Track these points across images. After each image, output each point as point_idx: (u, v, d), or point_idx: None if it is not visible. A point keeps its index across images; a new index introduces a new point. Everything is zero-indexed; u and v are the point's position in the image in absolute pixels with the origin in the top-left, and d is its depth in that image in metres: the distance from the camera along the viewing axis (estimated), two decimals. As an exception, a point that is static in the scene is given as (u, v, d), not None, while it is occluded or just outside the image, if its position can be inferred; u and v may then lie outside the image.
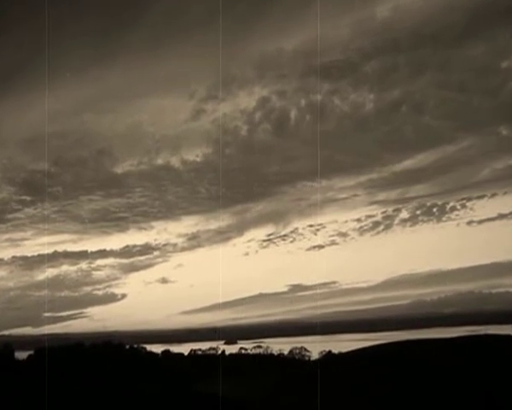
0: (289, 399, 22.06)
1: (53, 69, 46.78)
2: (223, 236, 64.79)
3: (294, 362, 31.11)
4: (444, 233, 61.18)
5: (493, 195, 57.89)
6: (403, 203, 62.83)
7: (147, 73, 59.81)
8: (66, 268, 61.20)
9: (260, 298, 65.38)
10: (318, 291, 66.99)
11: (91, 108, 61.15)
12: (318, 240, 66.11)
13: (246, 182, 62.04)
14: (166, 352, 34.67)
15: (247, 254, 65.44)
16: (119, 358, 29.69)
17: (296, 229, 65.37)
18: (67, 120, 62.03)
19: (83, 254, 60.45)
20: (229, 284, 66.75)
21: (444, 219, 62.45)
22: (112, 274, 62.04)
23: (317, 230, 65.87)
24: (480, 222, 58.41)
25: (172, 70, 61.07)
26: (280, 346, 34.14)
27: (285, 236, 64.85)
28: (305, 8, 54.66)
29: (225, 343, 50.41)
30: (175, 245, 62.28)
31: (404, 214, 63.65)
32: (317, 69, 57.85)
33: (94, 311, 59.17)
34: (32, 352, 30.59)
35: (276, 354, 33.01)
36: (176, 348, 37.31)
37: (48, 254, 59.66)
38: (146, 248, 61.43)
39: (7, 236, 57.34)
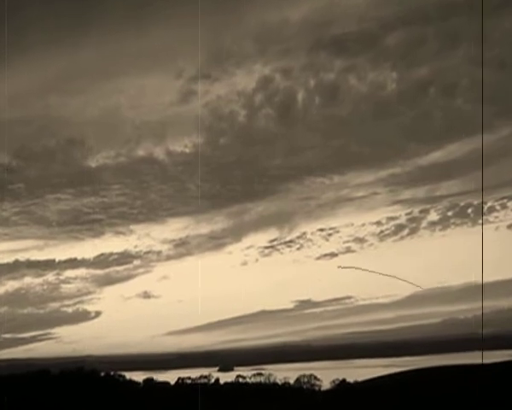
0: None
1: (12, 43, 46.62)
2: (216, 242, 64.96)
3: (302, 393, 30.82)
4: (480, 239, 60.60)
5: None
6: (431, 203, 62.85)
7: (125, 48, 59.74)
8: (29, 280, 61.24)
9: (261, 316, 65.51)
10: (330, 308, 67.15)
11: (58, 90, 61.34)
12: (330, 247, 66.27)
13: (244, 177, 61.99)
14: (149, 381, 34.43)
15: (245, 263, 65.66)
16: (92, 387, 29.42)
17: (304, 234, 65.45)
18: (30, 104, 62.03)
19: (49, 264, 60.51)
20: (224, 299, 66.56)
21: (480, 221, 62.18)
22: (84, 288, 62.16)
23: (329, 235, 65.95)
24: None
25: (155, 43, 61.10)
26: (285, 373, 33.86)
27: (290, 242, 64.94)
28: (314, -30, 54.54)
29: (220, 370, 50.24)
30: (159, 253, 62.49)
31: (433, 216, 63.68)
32: (328, 43, 57.82)
33: (62, 331, 59.19)
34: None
35: (280, 382, 32.79)
36: (160, 376, 37.06)
37: (7, 264, 59.71)
38: (124, 257, 61.58)
39: (-43, 242, 57.10)
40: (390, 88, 58.93)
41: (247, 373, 34.85)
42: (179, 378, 34.53)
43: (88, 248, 61.67)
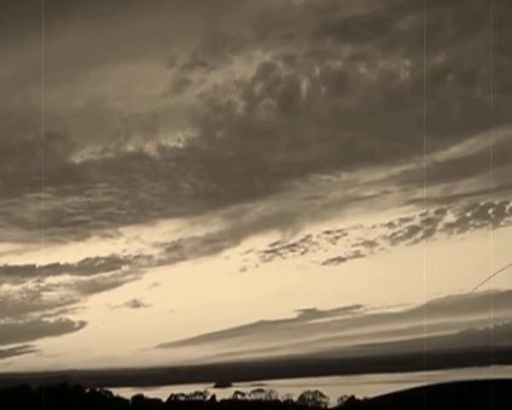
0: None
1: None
2: (213, 245, 64.85)
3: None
4: (502, 242, 60.95)
5: None
6: (448, 203, 62.82)
7: (112, 33, 59.67)
8: (7, 288, 61.19)
9: (262, 327, 65.49)
10: (338, 318, 67.18)
11: (38, 79, 61.09)
12: (338, 251, 66.15)
13: (243, 175, 61.82)
14: (139, 397, 34.42)
15: (244, 269, 65.61)
16: (76, 405, 29.33)
17: (309, 236, 65.34)
18: (7, 95, 61.97)
19: (29, 270, 60.39)
20: (221, 308, 66.70)
21: (502, 223, 62.36)
22: (67, 296, 62.06)
23: (336, 237, 65.83)
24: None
25: (146, 28, 60.93)
26: (288, 389, 33.85)
27: (294, 245, 64.84)
28: None
29: (216, 386, 50.18)
30: (150, 258, 62.37)
31: (450, 217, 63.63)
32: (335, 27, 57.69)
33: (44, 344, 59.21)
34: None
35: (282, 400, 32.80)
36: (151, 393, 37.05)
37: (-17, 270, 59.44)
38: (112, 262, 61.43)
39: None
40: (403, 77, 58.87)
41: (246, 389, 34.86)
42: (172, 395, 34.52)
43: (72, 253, 61.56)
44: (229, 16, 63.05)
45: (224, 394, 35.56)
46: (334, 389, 34.35)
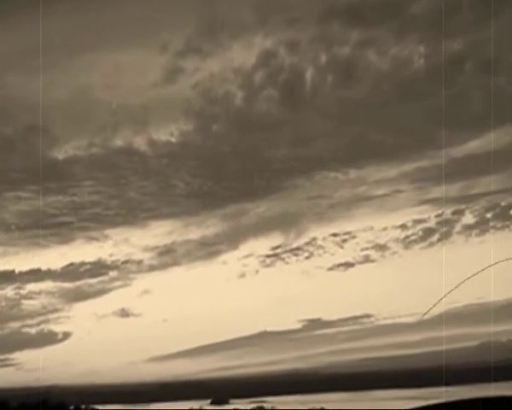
0: None
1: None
2: (208, 249, 64.74)
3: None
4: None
5: None
6: (466, 203, 62.70)
7: (98, 17, 59.60)
8: (-17, 296, 61.05)
9: (262, 338, 65.32)
10: (345, 329, 67.04)
11: (18, 67, 60.93)
12: (345, 255, 66.00)
13: (241, 172, 61.91)
14: (128, 415, 34.31)
15: (243, 275, 65.47)
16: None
17: (314, 239, 65.23)
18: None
19: (8, 276, 60.28)
20: (217, 317, 66.59)
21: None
22: (50, 304, 61.97)
23: (344, 241, 65.72)
24: None
25: (135, 12, 60.88)
26: (291, 406, 33.87)
27: (297, 249, 64.73)
28: None
29: (212, 403, 50.11)
30: (140, 263, 62.28)
31: (469, 218, 63.53)
32: (342, 11, 57.67)
33: (24, 357, 58.98)
34: None
35: (284, 418, 32.68)
36: (141, 410, 37.02)
37: (-42, 276, 59.58)
38: (98, 267, 61.35)
39: None
40: (417, 65, 58.72)
41: (245, 407, 34.83)
42: (164, 413, 34.47)
43: (54, 257, 61.35)
44: (226, -1, 63.04)
45: (221, 412, 35.55)
46: (341, 406, 34.31)
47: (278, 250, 61.17)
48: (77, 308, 59.95)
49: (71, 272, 58.50)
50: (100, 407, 34.08)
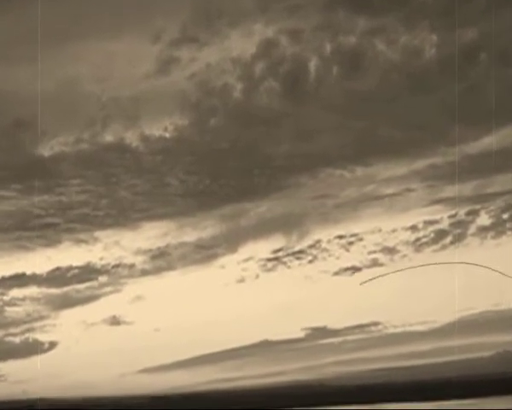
0: None
1: None
2: (205, 252, 64.54)
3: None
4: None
5: None
6: (482, 203, 62.48)
7: (86, 3, 59.59)
8: (-36, 302, 61.08)
9: (263, 348, 65.14)
10: (352, 338, 66.87)
11: (0, 57, 61.03)
12: (352, 259, 65.75)
13: (240, 169, 61.81)
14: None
15: (242, 280, 65.13)
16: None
17: (318, 242, 65.01)
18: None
19: (-10, 281, 60.37)
20: (215, 326, 66.46)
21: (545, 226, 62.23)
22: (35, 311, 61.86)
23: (350, 243, 65.53)
24: None
25: (127, -2, 60.99)
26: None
27: (301, 252, 64.50)
28: None
29: (209, 418, 50.52)
30: (131, 267, 62.02)
31: (484, 219, 63.31)
32: (349, -4, 57.72)
33: (7, 368, 58.93)
34: None
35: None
36: (133, 426, 37.18)
37: None
38: (87, 272, 61.17)
39: None
40: (428, 55, 58.57)
41: (244, 421, 35.09)
42: (157, 428, 34.67)
43: (40, 261, 61.11)
44: (224, -17, 63.09)
45: (218, 427, 35.71)
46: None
47: (280, 254, 61.01)
48: (64, 316, 59.86)
49: (57, 276, 58.46)
50: (89, 421, 34.16)
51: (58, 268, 60.24)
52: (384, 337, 65.16)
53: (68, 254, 63.07)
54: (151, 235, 65.12)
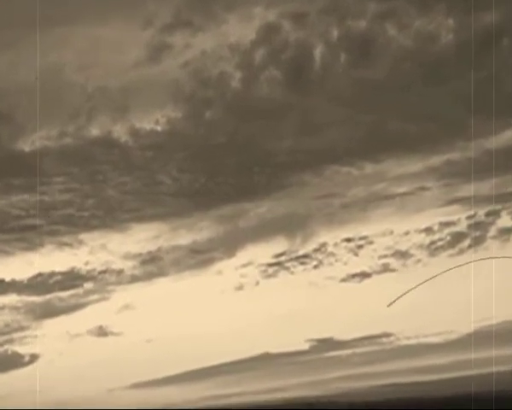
0: None
1: None
2: (201, 257, 64.38)
3: None
4: None
5: None
6: (502, 202, 62.27)
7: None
8: None
9: (264, 361, 65.00)
10: (361, 350, 66.76)
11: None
12: (361, 264, 65.58)
13: (239, 166, 61.64)
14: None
15: (240, 287, 64.99)
16: None
17: (324, 245, 64.83)
18: None
19: (-35, 288, 60.24)
20: (210, 337, 66.41)
21: None
22: (14, 321, 61.77)
23: (359, 247, 65.33)
24: None
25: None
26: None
27: (305, 257, 64.34)
28: None
29: (204, 437, 50.34)
30: (120, 273, 61.87)
31: (505, 221, 63.08)
32: (357, -23, 57.56)
33: (-15, 383, 58.93)
34: None
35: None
36: (121, 446, 37.17)
37: None
38: (71, 278, 61.03)
39: None
40: (444, 41, 58.39)
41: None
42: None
43: (19, 266, 61.01)
44: (221, -37, 62.95)
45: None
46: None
47: (282, 258, 60.90)
48: (46, 326, 59.80)
49: (39, 283, 58.39)
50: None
51: (40, 274, 60.14)
52: (396, 350, 65.05)
53: (51, 259, 63.01)
54: (141, 238, 65.04)
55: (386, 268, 60.95)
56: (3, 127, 57.95)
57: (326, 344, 63.46)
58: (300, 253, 61.64)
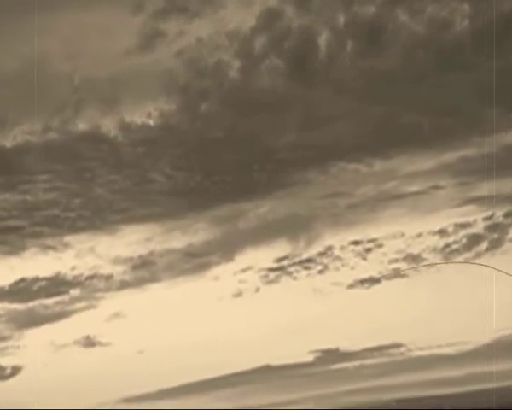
0: None
1: None
2: (196, 261, 64.17)
3: None
4: None
5: None
6: (523, 202, 62.22)
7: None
8: None
9: (265, 374, 64.81)
10: (370, 362, 66.56)
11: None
12: (370, 269, 65.36)
13: (238, 163, 61.49)
14: None
15: (239, 294, 64.78)
16: None
17: (329, 249, 64.65)
18: None
19: None
20: (207, 348, 66.24)
21: None
22: (-5, 331, 61.67)
23: (368, 250, 65.14)
24: None
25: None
26: None
27: (309, 261, 64.13)
28: None
29: (200, 456, 50.15)
30: (109, 278, 61.68)
31: (526, 222, 63.05)
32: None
33: (-38, 397, 58.82)
34: None
35: None
36: None
37: None
38: (56, 284, 60.87)
39: None
40: (459, 28, 58.23)
41: None
42: None
43: (1, 271, 61.11)
44: None
45: None
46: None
47: (284, 262, 60.70)
48: (29, 336, 59.70)
49: (21, 290, 58.28)
50: None
51: (22, 280, 59.99)
52: (407, 362, 64.80)
53: (34, 264, 62.86)
54: (132, 240, 64.84)
55: (396, 274, 60.70)
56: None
57: (332, 356, 63.20)
58: (304, 257, 61.45)
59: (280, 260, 61.51)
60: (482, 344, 59.73)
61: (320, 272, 61.07)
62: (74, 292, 60.34)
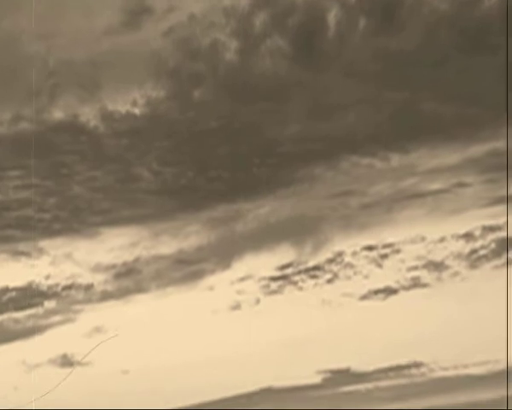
0: None
1: None
2: (188, 269, 63.70)
3: None
4: None
5: None
6: (559, 202, 62.07)
7: None
8: None
9: (267, 397, 64.50)
10: (385, 384, 66.33)
11: None
12: (385, 278, 64.93)
13: (236, 158, 61.20)
14: None
15: (237, 306, 64.32)
16: None
17: (339, 255, 64.20)
18: None
19: None
20: (201, 367, 66.28)
21: None
22: (-41, 348, 61.63)
23: (383, 256, 64.68)
24: None
25: None
26: None
27: (316, 269, 63.66)
28: None
29: None
30: (88, 288, 61.27)
31: (563, 225, 62.85)
32: None
33: None
34: None
35: None
36: None
37: None
38: (29, 296, 60.57)
39: None
40: (486, 4, 58.15)
41: None
42: None
43: (-34, 281, 61.50)
44: None
45: None
46: None
47: (288, 270, 60.32)
48: (-1, 354, 59.90)
49: (-10, 301, 58.49)
50: None
51: (-9, 290, 60.12)
52: (429, 383, 64.35)
53: (3, 271, 62.60)
54: (115, 245, 64.46)
55: (416, 283, 60.22)
56: None
57: (342, 376, 62.92)
58: (311, 264, 60.95)
59: (283, 267, 61.10)
60: (513, 363, 59.62)
61: (329, 281, 60.67)
62: (49, 304, 60.04)
